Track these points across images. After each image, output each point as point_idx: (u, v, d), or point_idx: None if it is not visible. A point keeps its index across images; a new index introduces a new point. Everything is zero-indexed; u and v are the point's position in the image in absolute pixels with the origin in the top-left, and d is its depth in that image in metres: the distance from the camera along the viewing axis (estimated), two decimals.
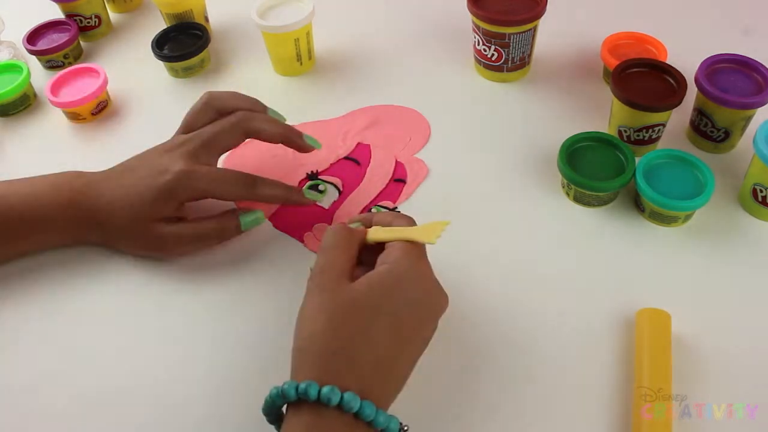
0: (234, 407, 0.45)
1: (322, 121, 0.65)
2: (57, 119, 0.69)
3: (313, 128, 0.63)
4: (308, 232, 0.55)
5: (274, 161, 0.61)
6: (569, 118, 0.62)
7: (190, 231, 0.53)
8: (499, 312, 0.48)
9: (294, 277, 0.52)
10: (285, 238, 0.55)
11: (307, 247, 0.54)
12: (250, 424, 0.35)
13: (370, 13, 0.80)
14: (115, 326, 0.50)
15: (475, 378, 0.45)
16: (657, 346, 0.44)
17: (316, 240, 0.54)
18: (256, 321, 0.49)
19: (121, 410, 0.45)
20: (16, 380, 0.48)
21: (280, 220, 0.56)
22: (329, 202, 0.57)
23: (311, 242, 0.54)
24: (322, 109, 0.66)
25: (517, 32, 0.62)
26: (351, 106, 0.66)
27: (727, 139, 0.57)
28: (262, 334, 0.49)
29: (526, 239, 0.53)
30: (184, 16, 0.75)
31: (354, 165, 0.60)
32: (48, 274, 0.54)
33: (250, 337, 0.48)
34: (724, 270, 0.50)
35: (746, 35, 0.71)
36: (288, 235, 0.55)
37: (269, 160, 0.61)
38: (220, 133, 0.53)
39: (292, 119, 0.65)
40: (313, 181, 0.59)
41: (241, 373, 0.47)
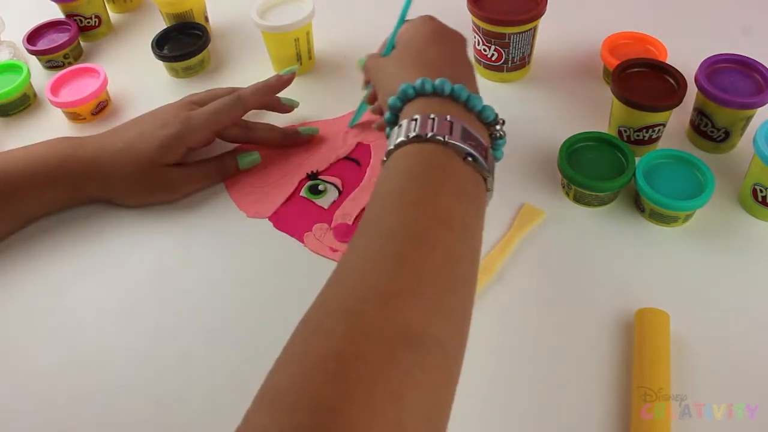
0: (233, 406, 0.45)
1: (322, 120, 0.65)
2: (57, 119, 0.69)
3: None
4: (308, 232, 0.55)
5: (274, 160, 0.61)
6: (569, 118, 0.62)
7: (195, 171, 0.58)
8: (497, 312, 0.48)
9: (294, 277, 0.52)
10: (285, 238, 0.55)
11: (307, 247, 0.54)
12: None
13: (370, 13, 0.80)
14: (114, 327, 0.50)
15: (475, 378, 0.45)
16: (656, 346, 0.44)
17: (316, 240, 0.54)
18: (256, 321, 0.49)
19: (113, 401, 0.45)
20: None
21: (280, 220, 0.56)
22: (329, 202, 0.57)
23: (311, 242, 0.54)
24: (322, 109, 0.66)
25: (517, 32, 0.62)
26: (351, 106, 0.66)
27: (727, 139, 0.57)
28: (262, 334, 0.49)
29: (525, 239, 0.53)
30: (184, 16, 0.75)
31: (354, 165, 0.60)
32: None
33: (251, 337, 0.48)
34: (723, 270, 0.50)
35: (746, 35, 0.71)
36: (288, 235, 0.55)
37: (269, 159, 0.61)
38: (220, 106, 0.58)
39: (293, 119, 0.65)
40: (313, 181, 0.59)
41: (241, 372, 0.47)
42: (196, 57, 0.71)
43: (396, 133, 0.41)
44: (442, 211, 0.36)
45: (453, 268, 0.35)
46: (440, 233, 0.35)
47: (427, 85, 0.42)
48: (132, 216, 0.57)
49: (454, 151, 0.39)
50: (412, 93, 0.43)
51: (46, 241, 0.56)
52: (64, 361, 0.48)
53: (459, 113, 0.41)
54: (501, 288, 0.50)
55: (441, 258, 0.34)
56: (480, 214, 0.39)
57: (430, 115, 0.40)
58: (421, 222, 0.35)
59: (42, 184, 0.55)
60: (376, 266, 0.33)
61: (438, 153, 0.38)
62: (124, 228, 0.57)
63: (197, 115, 0.57)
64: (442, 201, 0.37)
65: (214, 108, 0.57)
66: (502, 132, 0.44)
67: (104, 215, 0.58)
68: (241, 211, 0.57)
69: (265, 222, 0.56)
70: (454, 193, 0.38)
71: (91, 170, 0.55)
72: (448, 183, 0.38)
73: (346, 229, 0.55)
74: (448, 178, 0.38)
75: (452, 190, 0.38)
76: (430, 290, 0.33)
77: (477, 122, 0.42)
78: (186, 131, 0.56)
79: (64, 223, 0.57)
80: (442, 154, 0.38)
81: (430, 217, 0.36)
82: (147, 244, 0.56)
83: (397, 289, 0.32)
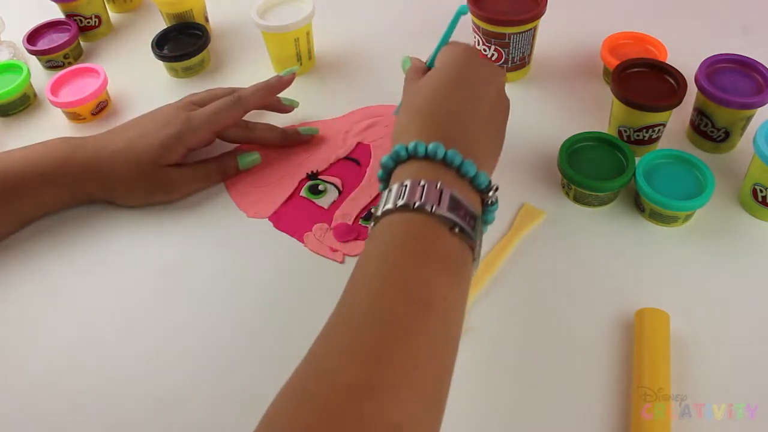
0: (234, 406, 0.45)
1: (322, 120, 0.65)
2: (57, 119, 0.69)
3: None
4: (308, 232, 0.55)
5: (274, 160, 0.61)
6: (569, 118, 0.62)
7: (195, 171, 0.58)
8: (497, 312, 0.48)
9: (294, 277, 0.52)
10: (285, 238, 0.55)
11: (307, 247, 0.54)
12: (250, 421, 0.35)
13: (370, 13, 0.80)
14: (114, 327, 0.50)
15: (474, 378, 0.45)
16: (656, 346, 0.44)
17: (316, 240, 0.54)
18: (256, 321, 0.49)
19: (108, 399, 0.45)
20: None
21: (280, 220, 0.56)
22: (329, 202, 0.57)
23: (311, 242, 0.54)
24: (322, 109, 0.66)
25: (517, 32, 0.62)
26: (351, 106, 0.66)
27: (727, 139, 0.57)
28: (262, 334, 0.49)
29: (525, 239, 0.53)
30: (184, 16, 0.75)
31: (354, 165, 0.60)
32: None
33: (250, 337, 0.48)
34: (723, 270, 0.50)
35: (746, 35, 0.71)
36: (288, 235, 0.55)
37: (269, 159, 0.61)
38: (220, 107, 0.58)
39: (293, 119, 0.65)
40: (313, 181, 0.59)
41: (241, 372, 0.47)
42: (196, 57, 0.71)
43: (385, 198, 0.40)
44: (424, 290, 0.36)
45: (432, 354, 0.34)
46: (421, 316, 0.35)
47: (420, 149, 0.41)
48: (132, 216, 0.57)
49: (442, 221, 0.38)
50: (405, 155, 0.42)
51: (46, 241, 0.56)
52: (64, 361, 0.48)
53: (451, 179, 0.40)
54: (501, 288, 0.50)
55: (420, 344, 0.34)
56: (464, 289, 0.39)
57: (420, 182, 0.39)
58: (401, 305, 0.35)
59: (42, 184, 0.55)
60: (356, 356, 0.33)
61: (424, 224, 0.38)
62: (124, 228, 0.57)
63: (197, 115, 0.57)
64: (425, 279, 0.36)
65: (215, 108, 0.57)
66: (495, 198, 0.42)
67: (104, 215, 0.58)
68: (241, 211, 0.57)
69: (265, 222, 0.56)
70: (438, 269, 0.37)
71: (90, 170, 0.55)
72: (433, 258, 0.37)
73: (346, 229, 0.55)
74: (433, 252, 0.37)
75: (436, 266, 0.37)
76: (408, 381, 0.33)
77: (469, 188, 0.41)
78: (186, 132, 0.56)
79: (64, 223, 0.57)
80: (428, 225, 0.38)
81: (411, 299, 0.35)
82: (147, 244, 0.56)
83: (376, 383, 0.32)
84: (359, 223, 0.55)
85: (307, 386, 0.33)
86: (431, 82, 0.47)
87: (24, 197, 0.55)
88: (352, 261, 0.52)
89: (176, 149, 0.56)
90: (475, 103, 0.45)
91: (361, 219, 0.55)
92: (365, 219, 0.55)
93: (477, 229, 0.39)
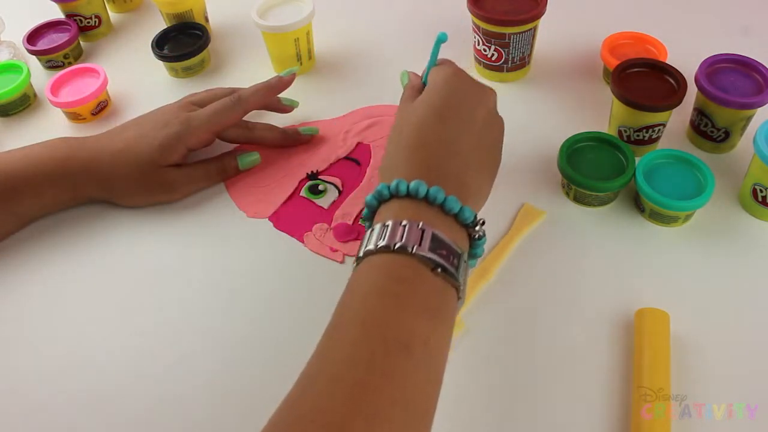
0: (234, 406, 0.45)
1: (322, 120, 0.65)
2: (57, 119, 0.69)
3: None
4: (308, 232, 0.55)
5: (274, 160, 0.61)
6: (569, 118, 0.62)
7: (195, 172, 0.58)
8: (497, 311, 0.48)
9: (294, 277, 0.52)
10: (285, 238, 0.55)
11: (307, 247, 0.54)
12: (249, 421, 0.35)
13: (370, 13, 0.80)
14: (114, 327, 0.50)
15: (474, 378, 0.45)
16: (656, 346, 0.44)
17: (316, 240, 0.54)
18: (256, 321, 0.49)
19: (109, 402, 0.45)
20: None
21: (280, 220, 0.56)
22: (329, 202, 0.57)
23: (311, 242, 0.54)
24: (322, 109, 0.66)
25: (517, 32, 0.62)
26: (351, 106, 0.66)
27: (727, 139, 0.57)
28: (262, 334, 0.49)
29: (525, 239, 0.53)
30: (184, 16, 0.75)
31: (354, 165, 0.60)
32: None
33: (250, 337, 0.48)
34: (723, 270, 0.50)
35: (746, 35, 0.71)
36: (288, 235, 0.55)
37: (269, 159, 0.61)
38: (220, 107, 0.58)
39: (293, 119, 0.65)
40: (313, 181, 0.59)
41: (240, 372, 0.47)
42: (196, 57, 0.71)
43: (366, 239, 0.39)
44: (403, 335, 0.35)
45: (412, 399, 0.34)
46: (400, 362, 0.34)
47: (401, 188, 0.40)
48: (132, 216, 0.57)
49: (423, 262, 0.37)
50: (387, 194, 0.41)
51: (46, 241, 0.56)
52: (64, 362, 0.48)
53: (434, 217, 0.39)
54: (501, 288, 0.50)
55: (400, 390, 0.33)
56: (446, 331, 0.38)
57: (402, 222, 0.38)
58: (380, 351, 0.34)
59: (41, 184, 0.55)
60: (333, 400, 0.33)
61: (405, 265, 0.37)
62: (124, 228, 0.57)
63: (197, 116, 0.57)
64: (405, 323, 0.35)
65: (214, 109, 0.57)
66: (482, 232, 0.42)
67: (104, 215, 0.58)
68: (241, 211, 0.57)
69: (265, 222, 0.56)
70: (419, 312, 0.36)
71: (90, 171, 0.55)
72: (413, 301, 0.36)
73: (345, 229, 0.55)
74: (414, 295, 0.37)
75: (417, 309, 0.36)
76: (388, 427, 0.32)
77: (455, 225, 0.40)
78: (186, 132, 0.56)
79: (64, 223, 0.57)
80: (409, 266, 0.37)
81: (389, 343, 0.34)
82: (147, 244, 0.56)
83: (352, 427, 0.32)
84: (359, 223, 0.55)
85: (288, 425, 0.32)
86: (419, 110, 0.46)
87: (24, 197, 0.55)
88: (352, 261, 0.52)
89: (176, 149, 0.56)
90: (464, 130, 0.45)
91: (361, 219, 0.55)
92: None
93: (461, 268, 0.39)
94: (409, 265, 0.37)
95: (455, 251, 0.39)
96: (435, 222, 0.39)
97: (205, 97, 0.60)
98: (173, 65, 0.71)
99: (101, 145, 0.56)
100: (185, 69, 0.72)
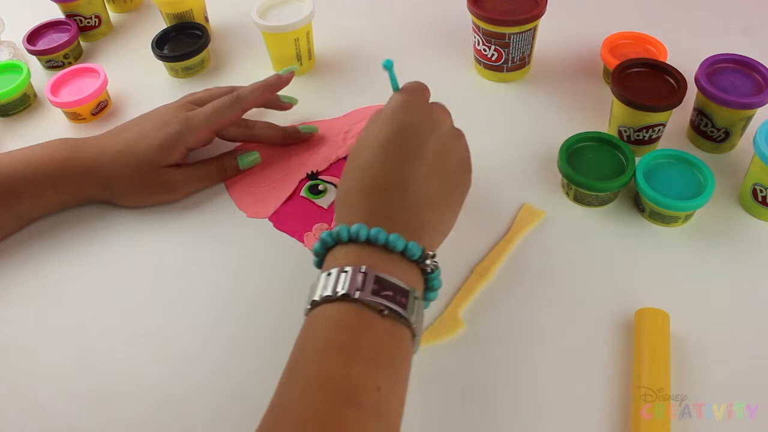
0: (234, 407, 0.45)
1: (321, 120, 0.65)
2: (57, 119, 0.69)
3: None
4: (308, 232, 0.55)
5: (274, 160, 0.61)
6: (569, 118, 0.62)
7: (195, 171, 0.58)
8: (496, 311, 0.48)
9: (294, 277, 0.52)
10: (285, 238, 0.55)
11: (307, 247, 0.54)
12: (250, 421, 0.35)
13: (370, 13, 0.80)
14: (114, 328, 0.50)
15: (474, 377, 0.45)
16: (656, 346, 0.44)
17: (316, 240, 0.54)
18: (256, 321, 0.49)
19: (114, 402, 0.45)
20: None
21: (280, 220, 0.56)
22: (329, 202, 0.57)
23: (311, 242, 0.54)
24: (322, 109, 0.66)
25: (517, 32, 0.62)
26: (351, 106, 0.66)
27: (727, 139, 0.57)
28: (262, 334, 0.49)
29: (525, 239, 0.53)
30: (184, 16, 0.75)
31: None
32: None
33: (250, 337, 0.48)
34: (723, 270, 0.50)
35: (746, 35, 0.71)
36: (288, 235, 0.55)
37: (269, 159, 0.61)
38: (219, 106, 0.58)
39: (293, 118, 0.65)
40: (313, 181, 0.59)
41: (240, 372, 0.47)
42: (196, 57, 0.71)
43: (312, 289, 0.39)
44: (351, 386, 0.34)
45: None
46: (349, 414, 0.33)
47: (342, 234, 0.39)
48: (132, 216, 0.57)
49: (368, 307, 0.36)
50: (331, 242, 0.40)
51: (46, 241, 0.56)
52: (64, 362, 0.48)
53: (378, 259, 0.39)
54: (501, 288, 0.50)
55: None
56: (400, 375, 0.37)
57: (345, 268, 0.38)
58: (328, 405, 0.33)
59: (42, 184, 0.55)
60: None
61: (350, 313, 0.36)
62: (124, 228, 0.57)
63: (196, 115, 0.57)
64: (352, 375, 0.35)
65: (214, 108, 0.57)
66: (434, 265, 0.41)
67: (104, 215, 0.58)
68: (241, 211, 0.57)
69: (265, 222, 0.56)
70: (368, 360, 0.35)
71: (91, 172, 0.55)
72: (361, 349, 0.36)
73: None
74: (361, 344, 0.36)
75: (366, 358, 0.35)
76: None
77: (403, 263, 0.39)
78: (185, 131, 0.56)
79: (64, 223, 0.57)
80: (354, 314, 0.36)
81: (337, 397, 0.34)
82: (147, 244, 0.56)
83: None
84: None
85: None
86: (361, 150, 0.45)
87: (24, 198, 0.55)
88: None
89: (176, 149, 0.56)
90: (412, 164, 0.43)
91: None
92: None
93: (411, 306, 0.38)
94: (353, 312, 0.36)
95: (403, 289, 0.38)
96: (379, 263, 0.38)
97: (204, 97, 0.60)
98: (173, 65, 0.71)
99: (101, 146, 0.56)
100: (185, 69, 0.72)
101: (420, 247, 0.40)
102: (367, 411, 0.34)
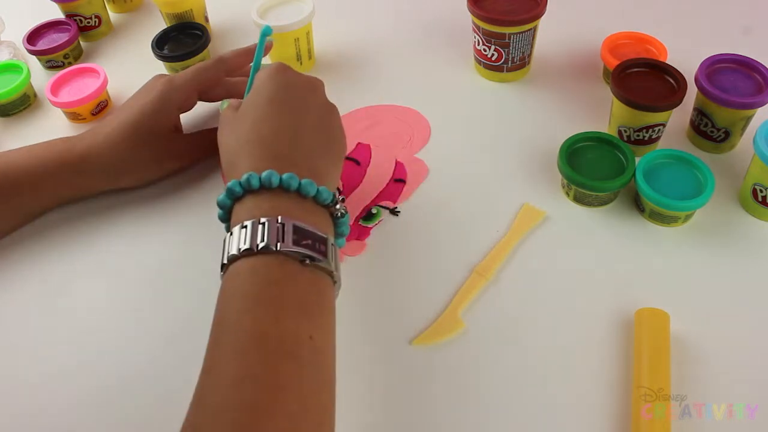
0: None
1: None
2: (57, 119, 0.69)
3: None
4: None
5: None
6: (569, 118, 0.62)
7: (199, 138, 0.59)
8: (496, 311, 0.48)
9: None
10: None
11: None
12: None
13: (370, 13, 0.80)
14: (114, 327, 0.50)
15: (474, 377, 0.45)
16: (656, 346, 0.44)
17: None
18: None
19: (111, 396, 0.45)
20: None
21: None
22: None
23: None
24: None
25: (517, 32, 0.62)
26: (351, 106, 0.66)
27: (727, 139, 0.57)
28: None
29: (526, 239, 0.53)
30: (184, 16, 0.75)
31: (354, 165, 0.60)
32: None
33: None
34: (723, 270, 0.50)
35: (746, 35, 0.71)
36: None
37: None
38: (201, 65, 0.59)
39: None
40: None
41: None
42: (196, 57, 0.71)
43: (227, 243, 0.38)
44: (285, 340, 0.34)
45: (308, 403, 0.33)
46: (287, 367, 0.33)
47: (253, 181, 0.39)
48: (132, 215, 0.57)
49: (290, 258, 0.36)
50: (240, 191, 0.40)
51: (45, 241, 0.56)
52: (64, 361, 0.48)
53: (292, 206, 0.39)
54: (501, 288, 0.50)
55: (293, 397, 0.33)
56: (328, 322, 0.37)
57: (260, 220, 0.37)
58: (264, 362, 0.33)
59: (41, 177, 0.55)
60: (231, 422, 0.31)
61: (272, 265, 0.36)
62: (124, 227, 0.57)
63: (179, 75, 0.58)
64: (285, 328, 0.34)
65: (196, 67, 0.58)
66: (343, 210, 0.41)
67: (104, 215, 0.58)
68: None
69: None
70: (297, 313, 0.35)
71: (90, 158, 0.55)
72: (288, 301, 0.35)
73: None
74: (287, 296, 0.36)
75: (294, 310, 0.35)
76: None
77: (315, 208, 0.40)
78: (170, 90, 0.56)
79: (63, 223, 0.57)
80: (276, 265, 0.36)
81: (272, 353, 0.33)
82: (147, 243, 0.56)
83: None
84: (359, 223, 0.55)
85: None
86: (248, 110, 0.45)
87: (23, 190, 0.55)
88: (352, 261, 0.52)
89: (166, 110, 0.56)
90: (301, 117, 0.44)
91: (361, 219, 0.55)
92: (365, 219, 0.55)
93: (330, 253, 0.38)
94: (276, 265, 0.36)
95: (320, 237, 0.38)
96: (294, 211, 0.38)
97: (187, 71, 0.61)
98: (173, 65, 0.71)
99: (95, 134, 0.56)
100: (185, 69, 0.71)
101: (329, 192, 0.40)
102: (303, 362, 0.34)
